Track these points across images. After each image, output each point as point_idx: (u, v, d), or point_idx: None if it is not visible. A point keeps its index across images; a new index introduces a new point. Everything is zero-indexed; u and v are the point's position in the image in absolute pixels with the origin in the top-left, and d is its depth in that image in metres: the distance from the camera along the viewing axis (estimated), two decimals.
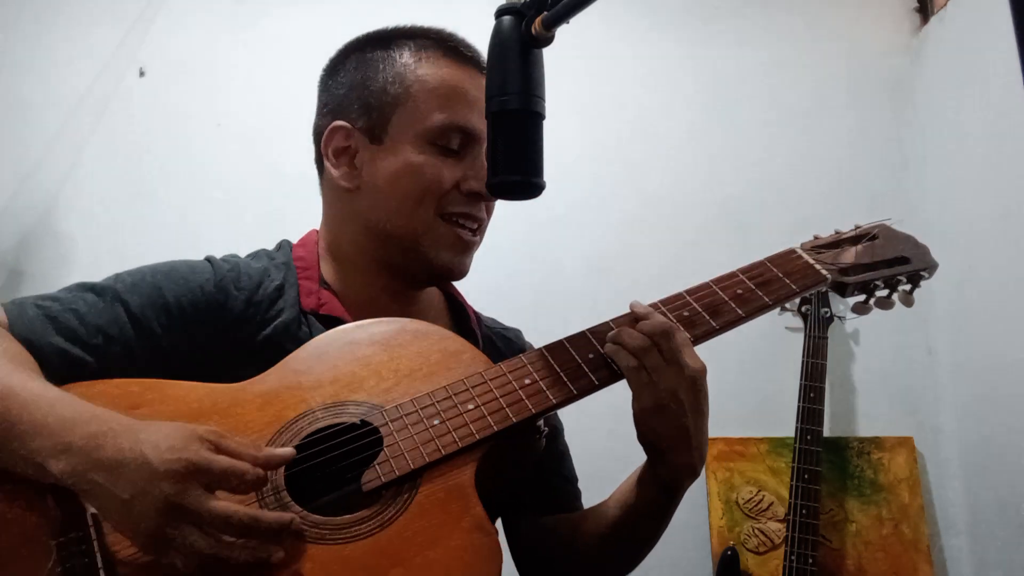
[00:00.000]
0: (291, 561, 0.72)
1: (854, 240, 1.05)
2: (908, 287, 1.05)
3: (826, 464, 1.91)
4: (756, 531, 1.93)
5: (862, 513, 1.94)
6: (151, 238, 1.97)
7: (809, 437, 1.79)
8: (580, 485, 1.16)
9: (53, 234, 2.00)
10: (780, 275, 0.98)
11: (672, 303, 0.94)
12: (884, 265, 1.03)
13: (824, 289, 1.02)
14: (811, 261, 1.00)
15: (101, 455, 0.70)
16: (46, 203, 2.01)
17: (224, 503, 0.69)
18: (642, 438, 0.87)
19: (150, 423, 0.74)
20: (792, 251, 1.03)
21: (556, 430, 1.14)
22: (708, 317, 0.93)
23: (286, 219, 1.26)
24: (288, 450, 0.78)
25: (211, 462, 0.70)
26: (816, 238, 1.07)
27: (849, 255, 1.03)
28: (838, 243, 1.05)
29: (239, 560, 0.69)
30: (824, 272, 0.99)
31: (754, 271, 0.99)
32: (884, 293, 1.04)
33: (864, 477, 1.96)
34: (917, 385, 2.05)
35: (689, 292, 0.96)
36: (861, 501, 1.95)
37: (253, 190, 2.04)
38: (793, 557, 1.70)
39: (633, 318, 0.91)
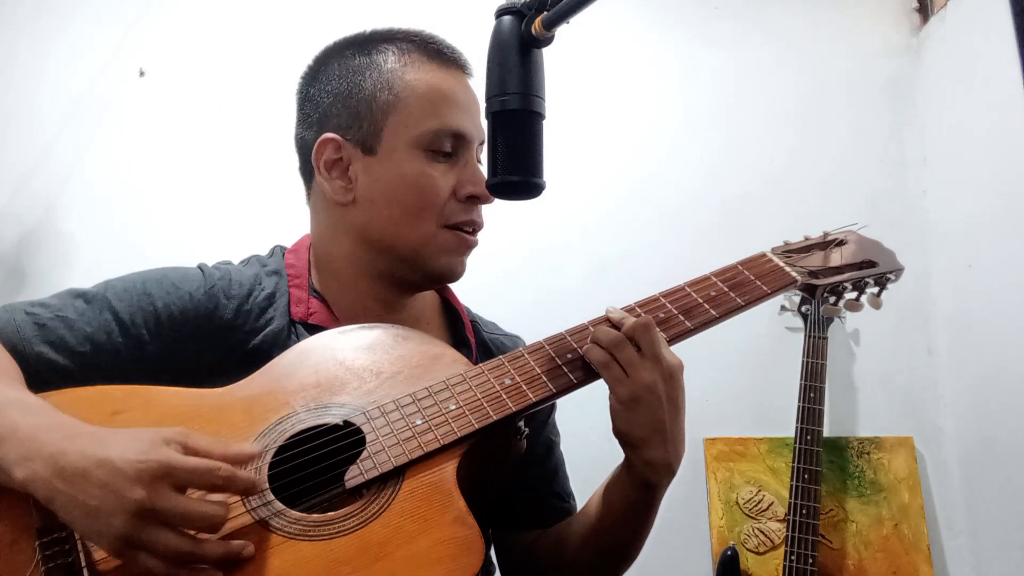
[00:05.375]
0: (275, 557, 0.73)
1: (823, 245, 1.09)
2: (876, 290, 1.09)
3: (826, 464, 1.92)
4: (756, 531, 1.93)
5: (862, 513, 1.94)
6: (152, 238, 1.97)
7: (809, 437, 1.79)
8: (575, 486, 1.15)
9: (54, 234, 2.00)
10: (752, 277, 1.02)
11: (648, 305, 0.97)
12: (852, 268, 1.07)
13: (794, 291, 1.06)
14: (781, 264, 1.04)
15: (65, 462, 0.69)
16: (46, 203, 2.01)
17: (197, 501, 0.70)
18: (617, 432, 0.88)
19: (115, 430, 0.73)
20: (763, 255, 1.06)
21: (552, 443, 1.14)
22: (683, 318, 0.96)
23: (287, 221, 1.26)
24: (253, 447, 0.78)
25: (180, 461, 0.69)
26: (786, 243, 1.10)
27: (818, 259, 1.07)
28: (808, 248, 1.09)
29: (214, 556, 0.70)
30: (794, 274, 1.03)
31: (726, 274, 1.02)
32: (853, 295, 1.08)
33: (864, 477, 1.96)
34: (917, 385, 2.05)
35: (664, 295, 0.99)
36: (861, 501, 1.95)
37: (254, 191, 2.04)
38: (793, 557, 1.70)
39: (608, 320, 0.93)
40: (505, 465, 0.95)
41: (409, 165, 0.98)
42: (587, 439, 1.19)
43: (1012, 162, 1.80)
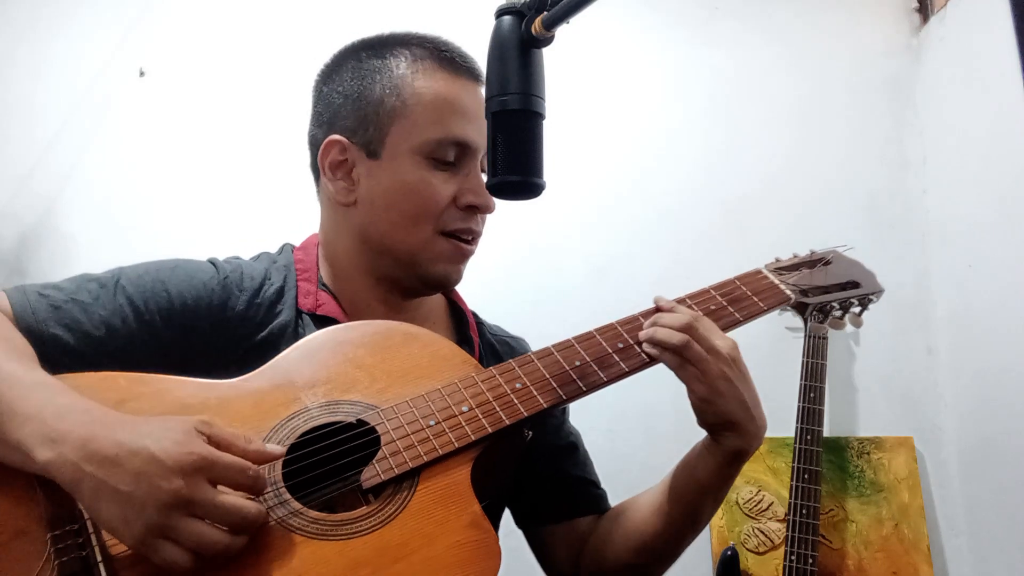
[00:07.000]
0: (294, 556, 0.73)
1: (811, 264, 1.13)
2: (858, 309, 1.15)
3: (826, 464, 1.91)
4: (756, 531, 1.93)
5: (862, 513, 1.94)
6: (152, 238, 1.97)
7: (809, 437, 1.79)
8: None
9: (54, 234, 2.00)
10: (749, 293, 1.04)
11: (631, 323, 0.98)
12: (838, 288, 1.12)
13: (787, 309, 1.12)
14: (776, 281, 1.07)
15: (96, 446, 0.68)
16: (46, 203, 2.01)
17: (233, 497, 0.70)
18: (708, 424, 0.92)
19: (144, 418, 0.74)
20: (759, 271, 1.09)
21: (577, 434, 1.17)
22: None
23: (289, 221, 1.26)
24: (279, 449, 0.78)
25: (219, 457, 0.70)
26: (778, 260, 1.14)
27: (807, 277, 1.11)
28: (797, 266, 1.13)
29: (237, 550, 0.70)
30: (788, 292, 1.06)
31: (725, 288, 1.04)
32: (838, 314, 1.15)
33: (864, 477, 1.96)
34: (917, 385, 2.05)
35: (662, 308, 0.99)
36: (861, 501, 1.95)
37: (254, 191, 2.04)
38: (793, 557, 1.70)
39: (655, 311, 0.97)
40: (509, 466, 0.95)
41: (410, 172, 0.99)
42: (587, 439, 1.20)
43: (1012, 162, 1.80)
